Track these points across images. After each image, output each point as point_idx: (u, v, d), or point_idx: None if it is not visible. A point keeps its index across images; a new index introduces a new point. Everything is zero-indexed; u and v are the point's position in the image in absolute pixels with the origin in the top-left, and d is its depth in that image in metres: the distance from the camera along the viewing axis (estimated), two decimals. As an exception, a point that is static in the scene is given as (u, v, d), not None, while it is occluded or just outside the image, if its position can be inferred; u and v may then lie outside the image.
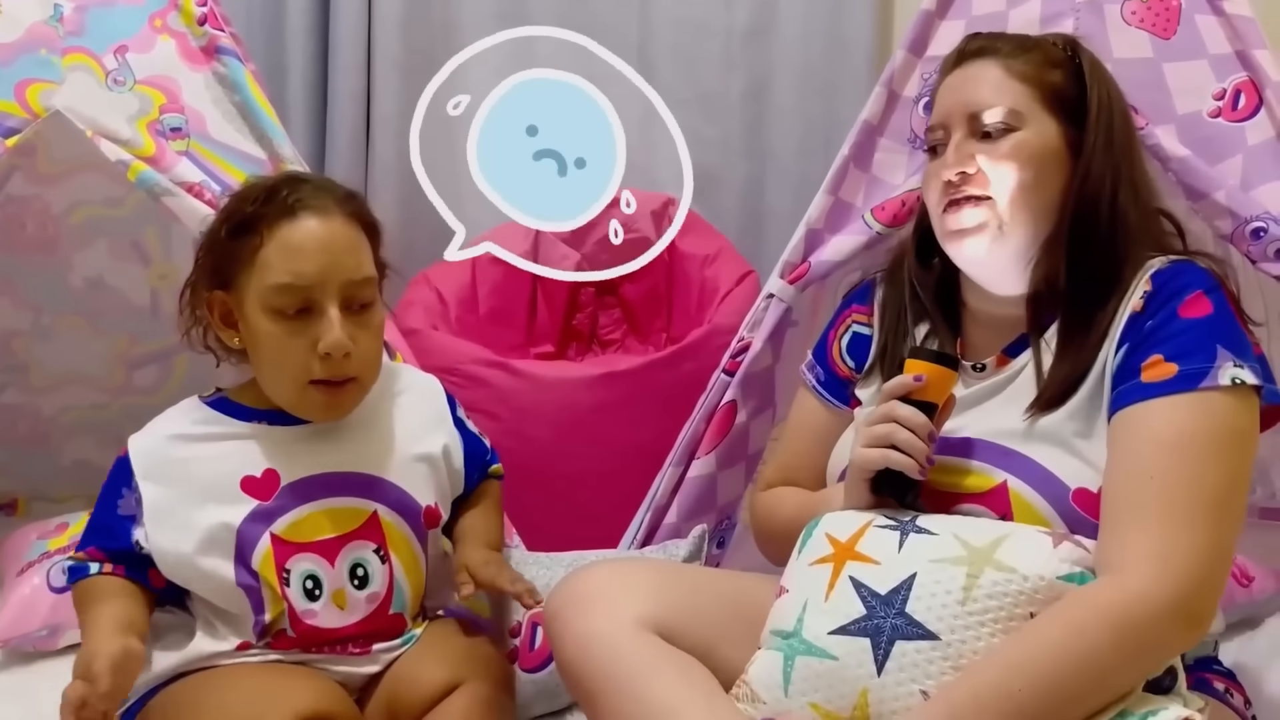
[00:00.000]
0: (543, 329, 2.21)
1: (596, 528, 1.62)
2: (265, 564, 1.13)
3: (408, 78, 2.32)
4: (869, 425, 1.11)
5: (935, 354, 1.13)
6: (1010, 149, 1.14)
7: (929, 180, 1.20)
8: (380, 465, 1.21)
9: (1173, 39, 1.42)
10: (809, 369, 1.36)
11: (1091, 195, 1.13)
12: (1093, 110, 1.16)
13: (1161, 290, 1.08)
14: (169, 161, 1.49)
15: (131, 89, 1.51)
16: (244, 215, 1.12)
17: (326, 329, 1.10)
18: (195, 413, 1.19)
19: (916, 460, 1.07)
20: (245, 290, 1.12)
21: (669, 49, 2.36)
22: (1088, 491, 1.05)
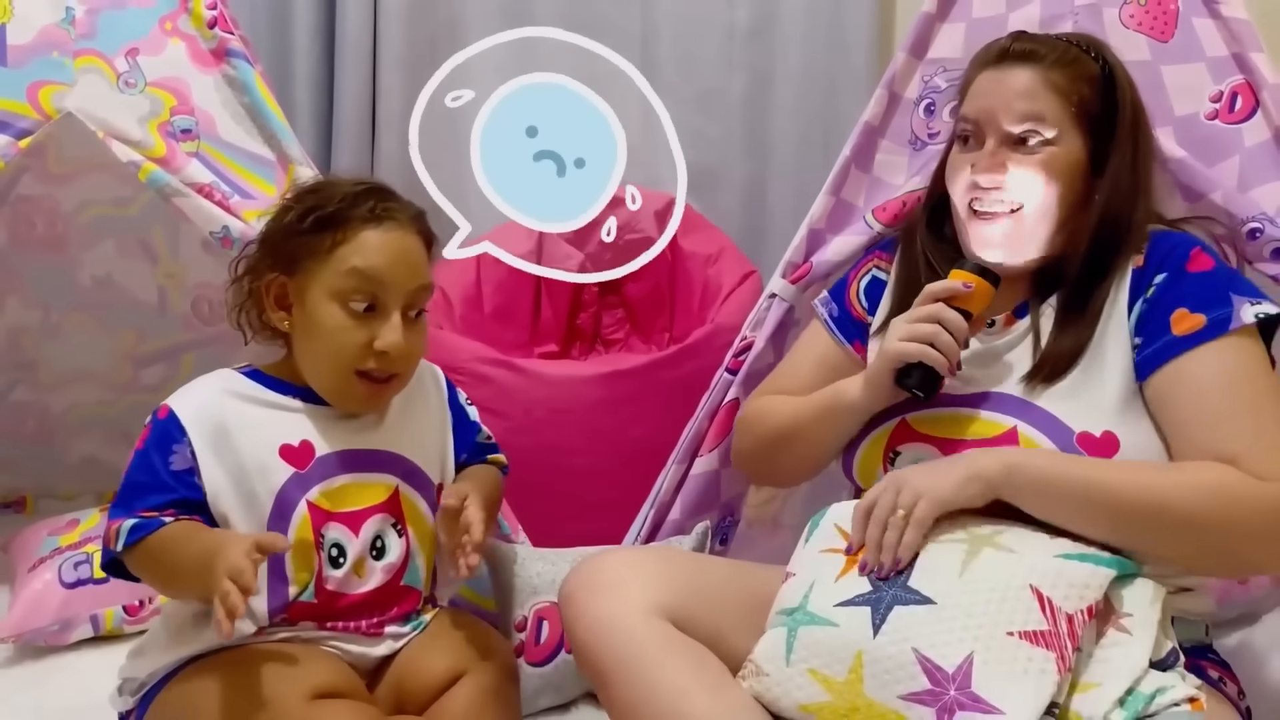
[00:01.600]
0: (547, 328, 2.22)
1: (601, 524, 1.63)
2: (303, 528, 1.17)
3: (412, 76, 2.31)
4: (909, 322, 1.17)
5: (979, 268, 1.19)
6: (1042, 162, 1.20)
7: (957, 169, 1.25)
8: (400, 444, 1.26)
9: (1170, 42, 1.43)
10: (823, 303, 1.40)
11: (1114, 212, 1.20)
12: (1121, 129, 1.22)
13: (1158, 248, 1.19)
14: (180, 163, 1.51)
15: (142, 91, 1.53)
16: (328, 212, 1.18)
17: (388, 329, 1.18)
18: (233, 379, 1.23)
19: (950, 360, 1.15)
20: (314, 278, 1.18)
21: (671, 47, 2.37)
22: (1089, 435, 1.13)
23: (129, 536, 1.13)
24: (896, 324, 1.19)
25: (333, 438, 1.22)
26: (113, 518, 1.15)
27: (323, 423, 1.22)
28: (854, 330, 1.37)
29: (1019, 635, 0.97)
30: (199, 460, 1.16)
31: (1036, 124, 1.20)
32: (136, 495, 1.15)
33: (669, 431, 1.62)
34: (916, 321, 1.17)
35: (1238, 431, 1.09)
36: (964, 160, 1.24)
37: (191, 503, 1.15)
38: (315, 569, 1.18)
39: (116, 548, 1.13)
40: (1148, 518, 1.06)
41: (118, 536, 1.13)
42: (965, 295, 1.18)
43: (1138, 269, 1.19)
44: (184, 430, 1.16)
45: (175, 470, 1.15)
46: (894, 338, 1.18)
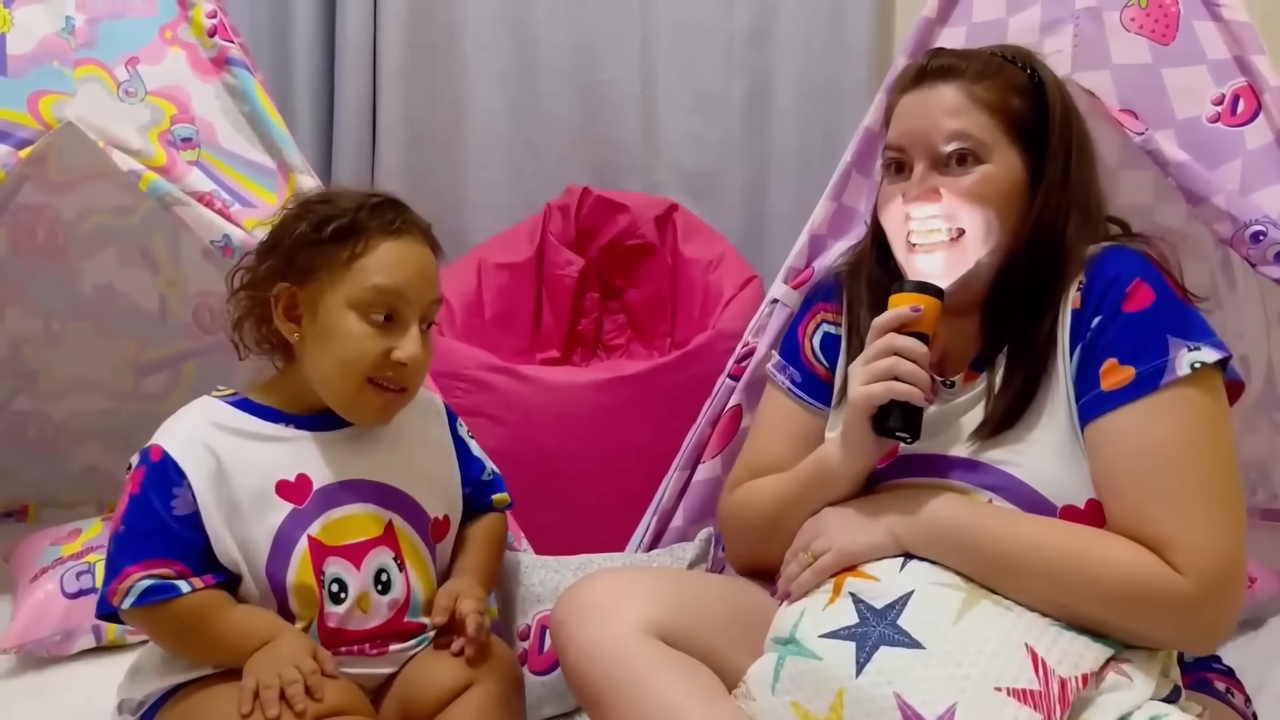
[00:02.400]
0: (548, 334, 2.22)
1: (603, 530, 1.63)
2: (303, 567, 1.15)
3: (412, 83, 2.33)
4: (865, 363, 1.10)
5: (920, 284, 1.11)
6: (976, 183, 1.13)
7: (887, 202, 1.18)
8: (395, 476, 1.24)
9: (1172, 44, 1.43)
10: (779, 369, 1.31)
11: (1046, 227, 1.13)
12: (1053, 140, 1.15)
13: (1096, 281, 1.09)
14: (180, 171, 1.50)
15: (143, 100, 1.52)
16: (347, 222, 1.17)
17: (407, 341, 1.17)
18: (220, 412, 1.20)
19: (921, 389, 1.07)
20: (330, 288, 1.16)
21: (670, 52, 2.37)
22: (1075, 509, 1.06)
23: (140, 598, 1.10)
24: (855, 371, 1.12)
25: (330, 468, 1.19)
26: (116, 568, 1.12)
27: (319, 452, 1.20)
28: (822, 391, 1.28)
29: (1007, 692, 0.94)
30: (200, 503, 1.13)
31: (965, 142, 1.12)
32: (140, 543, 1.12)
33: (671, 438, 1.62)
34: (873, 360, 1.09)
35: (1162, 513, 1.00)
36: (894, 191, 1.17)
37: (197, 551, 1.13)
38: (318, 606, 1.16)
39: (122, 604, 1.11)
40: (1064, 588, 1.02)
41: (126, 594, 1.10)
42: (914, 319, 1.09)
43: (1076, 310, 1.10)
44: (183, 473, 1.13)
45: (179, 515, 1.12)
46: (856, 384, 1.10)
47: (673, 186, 2.39)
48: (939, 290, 1.11)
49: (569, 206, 2.26)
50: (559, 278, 2.23)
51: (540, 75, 2.37)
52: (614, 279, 2.30)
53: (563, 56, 2.37)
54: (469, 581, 1.26)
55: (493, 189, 2.39)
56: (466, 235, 2.36)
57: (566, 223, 2.25)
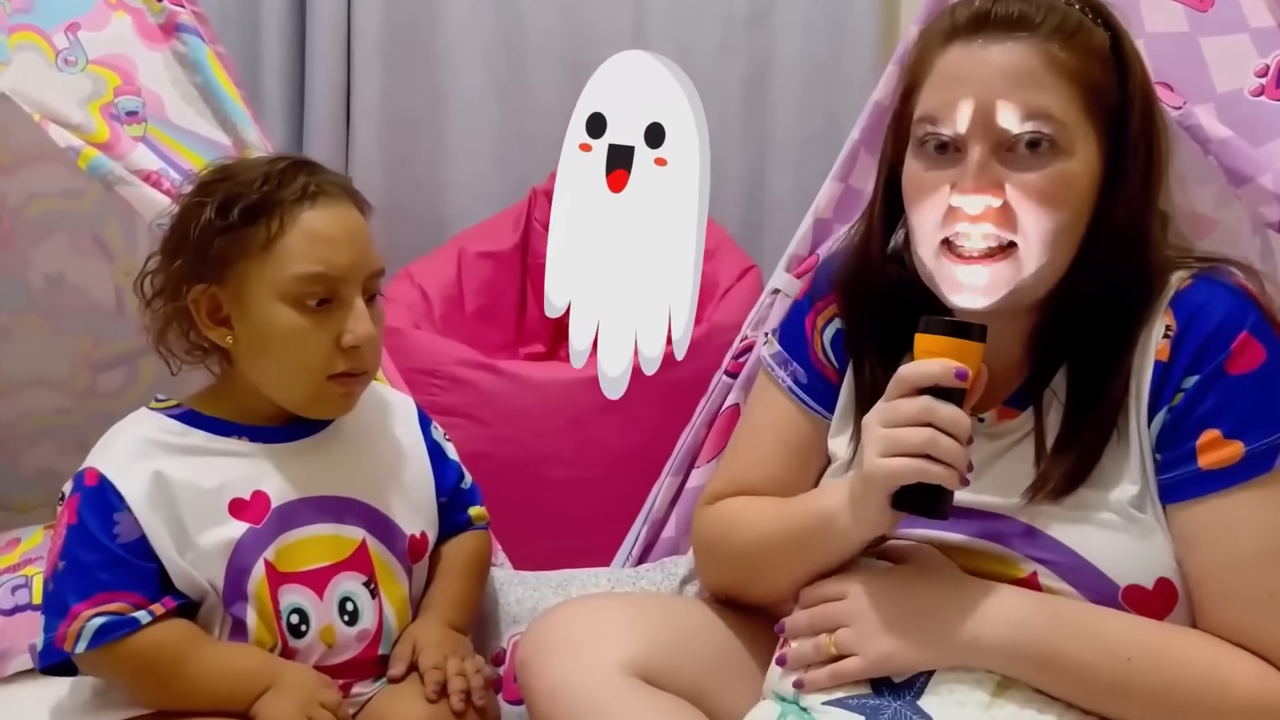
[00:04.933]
0: (533, 327, 2.13)
1: (588, 540, 1.53)
2: (260, 593, 1.04)
3: (390, 64, 2.24)
4: (889, 426, 0.89)
5: (957, 325, 0.89)
6: (1053, 181, 0.89)
7: (924, 192, 0.93)
8: (367, 490, 1.12)
9: (1210, 11, 1.31)
10: (780, 364, 1.11)
11: (1125, 242, 0.93)
12: (1134, 126, 0.93)
13: (1192, 331, 0.91)
14: (124, 148, 1.39)
15: (83, 70, 1.41)
16: (255, 200, 1.03)
17: (354, 321, 1.04)
18: (162, 425, 1.08)
19: (958, 471, 0.88)
20: (252, 282, 1.03)
21: (665, 34, 2.28)
22: (1141, 589, 0.90)
23: (96, 638, 0.98)
24: (872, 428, 0.90)
25: (289, 483, 1.07)
26: (62, 608, 1.00)
27: (276, 465, 1.08)
28: (830, 396, 1.09)
29: None
30: (145, 528, 1.01)
31: (1045, 125, 0.88)
32: (86, 577, 1.00)
33: (663, 439, 1.52)
34: (900, 426, 0.88)
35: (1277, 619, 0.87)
36: (939, 179, 0.92)
37: (149, 576, 1.01)
38: (277, 640, 1.04)
39: (76, 648, 0.99)
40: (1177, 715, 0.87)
41: (79, 637, 0.98)
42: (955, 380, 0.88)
43: (1162, 364, 0.91)
44: (121, 497, 1.01)
45: (124, 543, 1.01)
46: (874, 451, 0.89)
47: None
48: (982, 332, 0.90)
49: (555, 192, 2.15)
50: (544, 267, 2.06)
51: (527, 56, 2.29)
52: None
53: (551, 36, 2.28)
54: (434, 624, 1.12)
55: (476, 175, 2.30)
56: (448, 224, 2.27)
57: (552, 209, 2.15)
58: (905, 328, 0.94)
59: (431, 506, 1.19)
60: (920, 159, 0.95)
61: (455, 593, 1.17)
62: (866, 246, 1.04)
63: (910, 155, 0.96)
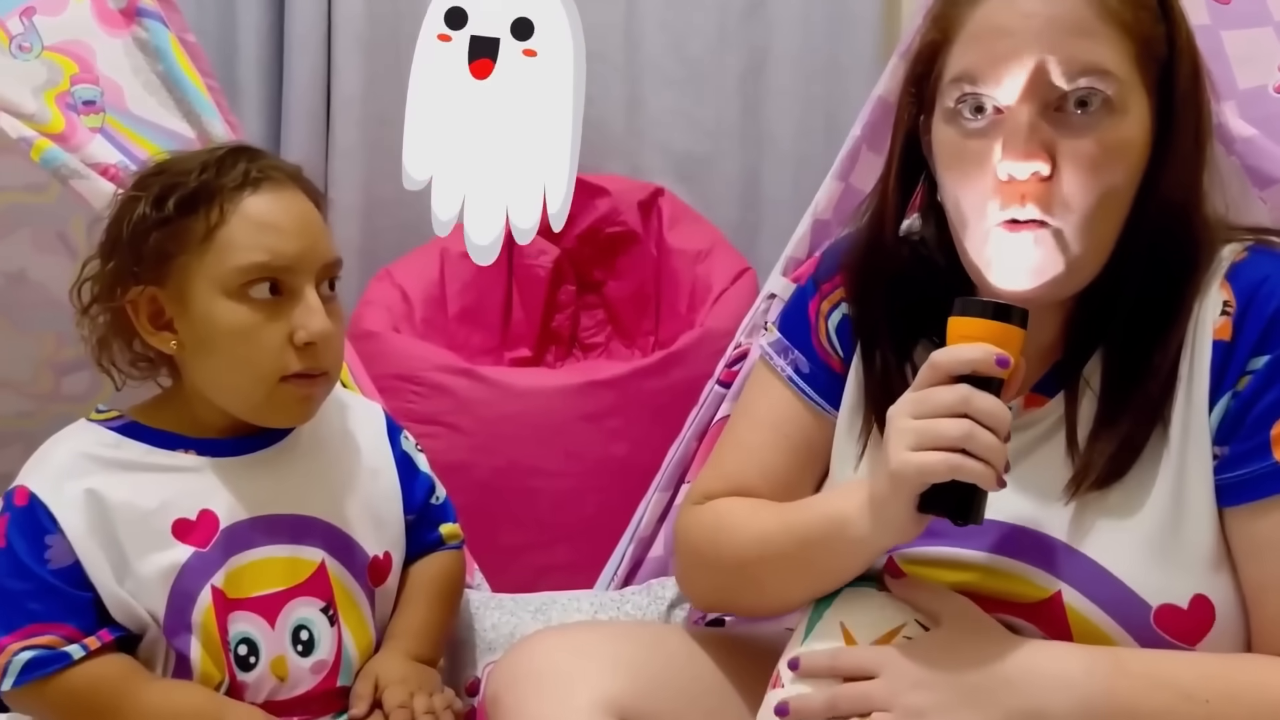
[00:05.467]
0: (518, 331, 2.06)
1: (573, 556, 1.49)
2: (207, 623, 0.96)
3: (372, 56, 2.15)
4: (921, 416, 0.79)
5: (997, 308, 0.80)
6: (1106, 147, 0.81)
7: (968, 163, 0.84)
8: (323, 507, 1.04)
9: (1232, 3, 1.25)
10: (779, 351, 1.02)
11: (1174, 210, 0.84)
12: (1182, 84, 0.84)
13: (1255, 305, 0.83)
14: (80, 139, 1.31)
15: (38, 56, 1.33)
16: (192, 189, 0.96)
17: (307, 315, 0.96)
18: (100, 439, 1.00)
19: (997, 469, 0.79)
20: (193, 277, 0.96)
21: (657, 23, 2.21)
22: (1175, 609, 0.82)
23: (24, 674, 0.91)
24: (900, 420, 0.81)
25: (239, 501, 1.00)
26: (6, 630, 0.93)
27: (226, 482, 1.00)
28: (834, 388, 1.00)
29: None
30: (80, 553, 0.93)
31: (1099, 81, 0.80)
32: (15, 607, 0.93)
33: (652, 450, 1.45)
34: (933, 416, 0.79)
35: None
36: (984, 149, 0.82)
37: (84, 606, 0.94)
38: (225, 673, 0.96)
39: (1, 686, 0.92)
40: None
41: (4, 673, 0.91)
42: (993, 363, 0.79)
43: (1223, 343, 0.83)
44: (54, 519, 0.94)
45: (57, 569, 0.93)
46: (902, 445, 0.79)
47: (659, 169, 2.23)
48: (1024, 316, 0.80)
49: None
50: (531, 268, 2.06)
51: None
52: (592, 270, 2.14)
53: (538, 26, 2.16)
54: (398, 657, 1.04)
55: (460, 171, 2.21)
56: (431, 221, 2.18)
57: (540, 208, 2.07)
58: (920, 313, 0.87)
59: (398, 524, 1.11)
60: (954, 125, 0.85)
61: (422, 620, 1.10)
62: (880, 224, 0.95)
63: (942, 121, 0.87)
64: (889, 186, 0.95)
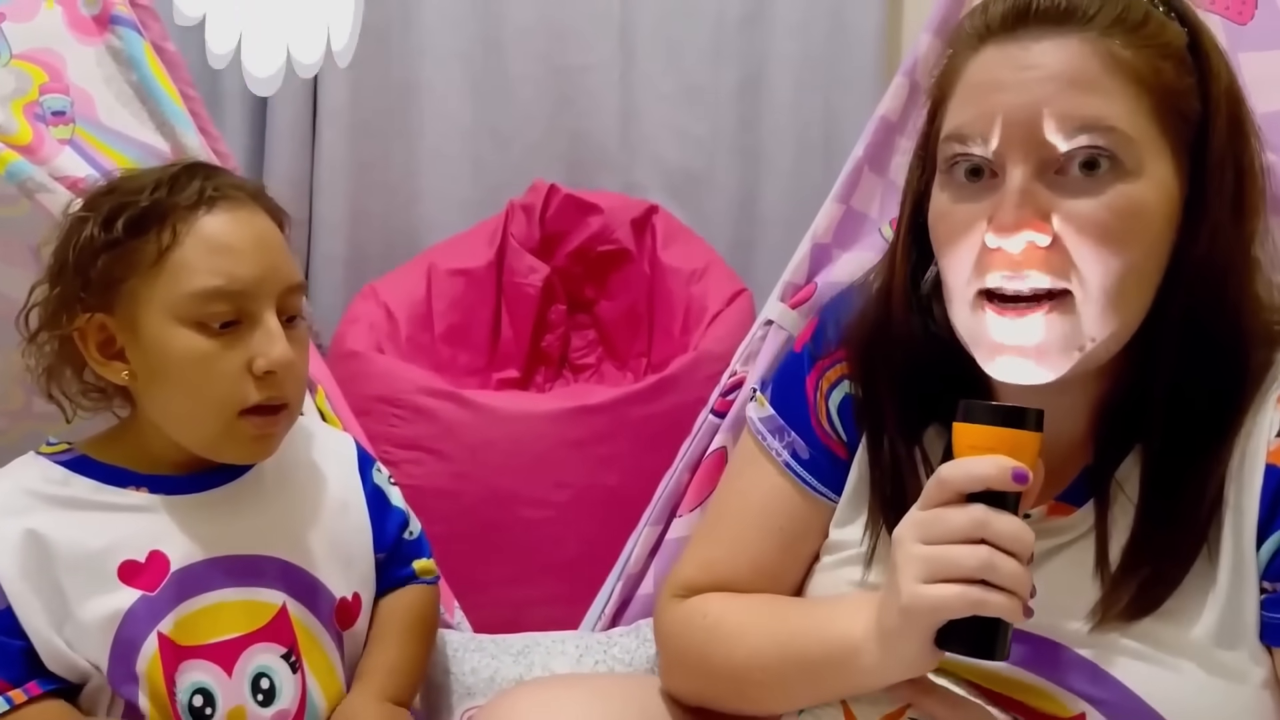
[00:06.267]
0: (506, 351, 2.02)
1: (560, 589, 1.44)
2: (152, 673, 0.90)
3: (359, 66, 2.09)
4: (932, 542, 0.72)
5: (1005, 412, 0.72)
6: (1115, 211, 0.72)
7: (955, 231, 0.77)
8: (288, 547, 0.98)
9: (1249, 24, 1.21)
10: (774, 432, 0.94)
11: (1209, 276, 0.75)
12: (1217, 144, 0.75)
13: None
14: (48, 152, 1.26)
15: (6, 64, 1.28)
16: (143, 209, 0.91)
17: (267, 342, 0.91)
18: (46, 474, 0.95)
19: (1021, 599, 0.71)
20: (144, 303, 0.91)
21: (653, 35, 2.19)
22: None
23: None
24: (909, 546, 0.73)
25: (194, 541, 0.94)
26: None
27: (180, 521, 0.94)
28: (836, 474, 0.92)
29: None
30: (11, 599, 0.89)
31: (1101, 137, 0.72)
32: None
33: (643, 481, 1.38)
34: (947, 543, 0.71)
35: None
36: (972, 214, 0.76)
37: (14, 655, 0.89)
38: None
39: None
40: None
41: None
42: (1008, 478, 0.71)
43: (1276, 469, 0.74)
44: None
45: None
46: (913, 576, 0.72)
47: (653, 186, 2.21)
48: (1039, 419, 0.72)
49: (534, 206, 2.05)
50: (520, 287, 2.03)
51: (506, 57, 2.18)
52: (583, 289, 2.10)
53: (532, 36, 2.18)
54: (369, 700, 0.99)
55: (450, 183, 2.19)
56: (420, 235, 2.17)
57: (531, 224, 2.05)
58: (933, 395, 0.79)
59: (367, 562, 1.05)
60: (948, 189, 0.78)
61: (394, 659, 1.04)
62: (888, 296, 0.87)
63: (938, 185, 0.80)
64: (897, 256, 0.86)
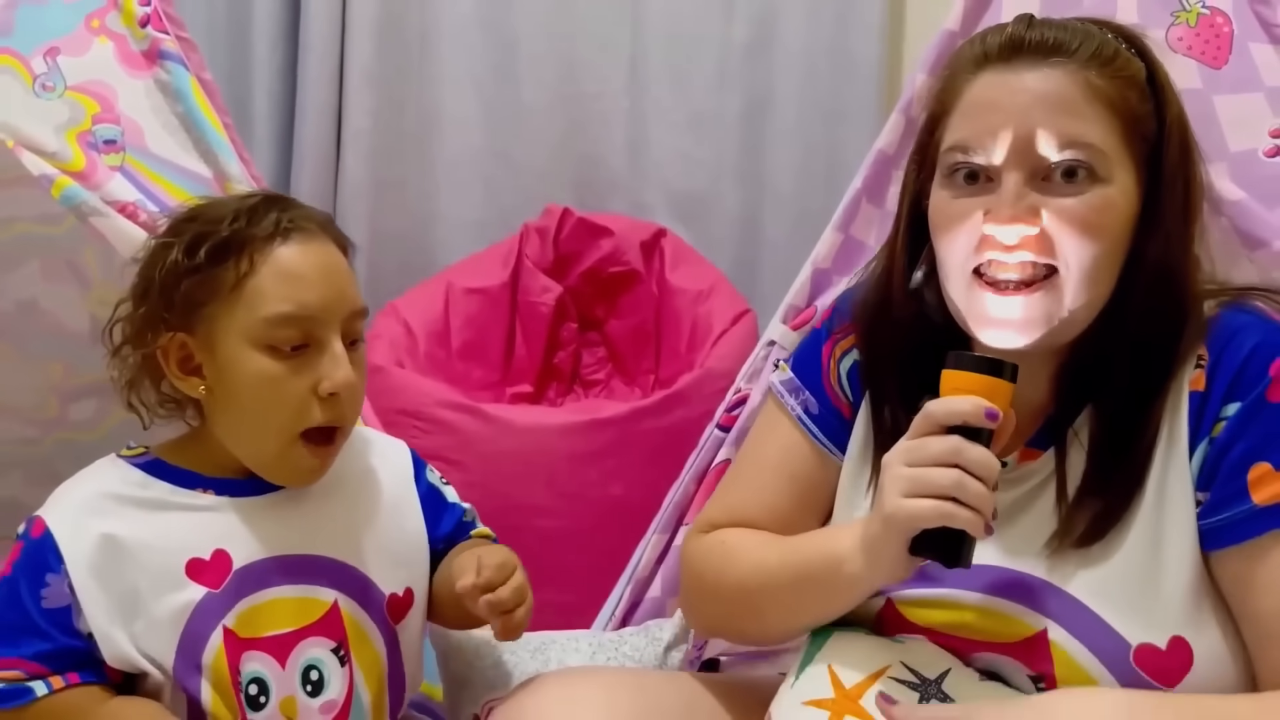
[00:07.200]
0: (520, 367, 2.08)
1: (572, 596, 1.47)
2: (217, 664, 0.97)
3: (381, 91, 2.19)
4: (913, 465, 0.84)
5: (987, 362, 0.85)
6: (1092, 208, 0.86)
7: (955, 219, 0.90)
8: (341, 546, 1.04)
9: (1224, 68, 1.28)
10: (791, 391, 1.06)
11: (1165, 275, 0.89)
12: (1171, 158, 0.90)
13: (1225, 358, 0.88)
14: (100, 177, 1.33)
15: (61, 95, 1.35)
16: (223, 238, 0.97)
17: (332, 366, 0.97)
18: (125, 476, 1.01)
19: (985, 517, 0.83)
20: (221, 326, 0.97)
21: (661, 64, 2.23)
22: (1154, 649, 0.85)
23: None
24: (894, 468, 0.86)
25: (255, 540, 1.00)
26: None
27: (241, 522, 1.00)
28: (842, 432, 1.04)
29: None
30: (79, 595, 0.95)
31: (1083, 153, 0.86)
32: (8, 638, 0.95)
33: (652, 491, 1.46)
34: (926, 465, 0.83)
35: None
36: (969, 206, 0.89)
37: (69, 653, 0.95)
38: (237, 714, 0.97)
39: None
40: None
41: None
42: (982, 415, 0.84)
43: (1198, 394, 0.88)
44: (61, 558, 0.95)
45: (48, 609, 0.94)
46: (896, 492, 0.84)
47: (661, 210, 2.25)
48: (1014, 371, 0.85)
49: (547, 228, 2.11)
50: (534, 305, 2.09)
51: (520, 85, 2.24)
52: (594, 308, 2.16)
53: (545, 66, 2.23)
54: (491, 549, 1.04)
55: (465, 206, 2.24)
56: (436, 255, 2.22)
57: (544, 246, 2.11)
58: (927, 367, 0.90)
59: (422, 559, 1.11)
60: (949, 188, 0.92)
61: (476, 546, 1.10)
62: (888, 280, 1.01)
63: (938, 185, 0.94)
64: (897, 245, 1.00)
